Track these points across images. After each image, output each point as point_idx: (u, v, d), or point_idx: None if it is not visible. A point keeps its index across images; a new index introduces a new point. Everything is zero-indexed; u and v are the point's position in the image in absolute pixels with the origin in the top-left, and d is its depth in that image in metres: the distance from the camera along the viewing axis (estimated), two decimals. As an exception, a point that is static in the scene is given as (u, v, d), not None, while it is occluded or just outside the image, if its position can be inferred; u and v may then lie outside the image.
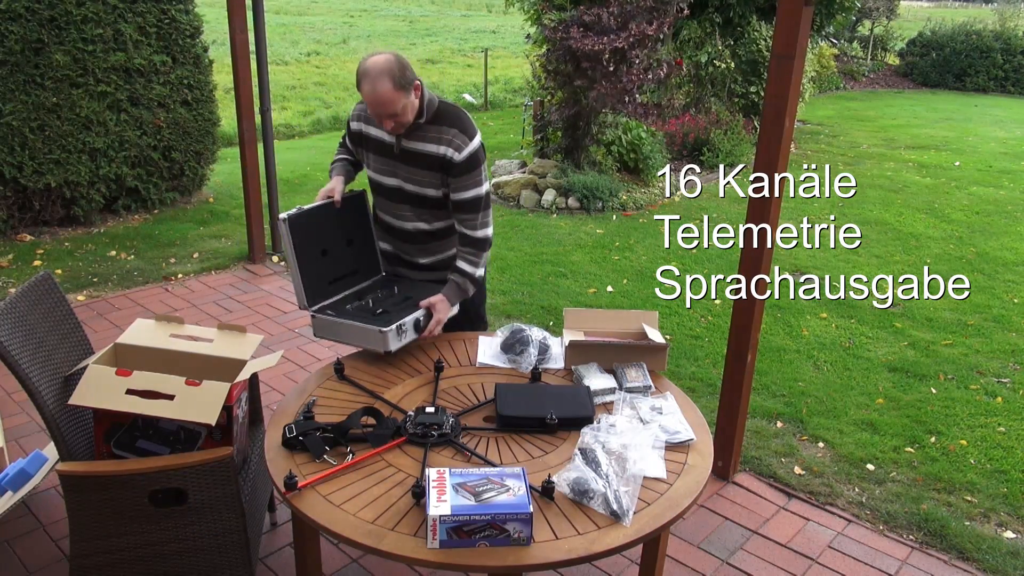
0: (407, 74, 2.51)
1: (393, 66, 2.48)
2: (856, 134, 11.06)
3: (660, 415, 2.29)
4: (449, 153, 2.62)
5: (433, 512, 1.75)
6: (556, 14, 7.33)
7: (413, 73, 2.55)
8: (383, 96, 2.48)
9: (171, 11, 6.11)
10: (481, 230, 2.73)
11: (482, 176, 2.70)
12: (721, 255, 6.01)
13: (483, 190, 2.71)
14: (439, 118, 2.65)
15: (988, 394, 4.12)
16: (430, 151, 2.64)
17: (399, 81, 2.48)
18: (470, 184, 2.67)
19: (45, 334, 2.36)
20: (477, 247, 2.74)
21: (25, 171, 5.59)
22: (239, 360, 2.43)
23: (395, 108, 2.51)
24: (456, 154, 2.62)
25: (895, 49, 18.41)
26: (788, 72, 2.76)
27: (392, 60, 2.50)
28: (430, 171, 2.67)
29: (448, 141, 2.62)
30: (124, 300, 4.93)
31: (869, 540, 3.00)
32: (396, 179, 2.75)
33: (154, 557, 2.17)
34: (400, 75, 2.48)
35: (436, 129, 2.64)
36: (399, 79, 2.48)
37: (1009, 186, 8.44)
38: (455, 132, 2.63)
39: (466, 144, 2.63)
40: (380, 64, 2.48)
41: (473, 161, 2.65)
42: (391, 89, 2.47)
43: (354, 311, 2.63)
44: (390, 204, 2.83)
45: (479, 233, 2.73)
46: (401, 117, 2.56)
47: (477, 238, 2.73)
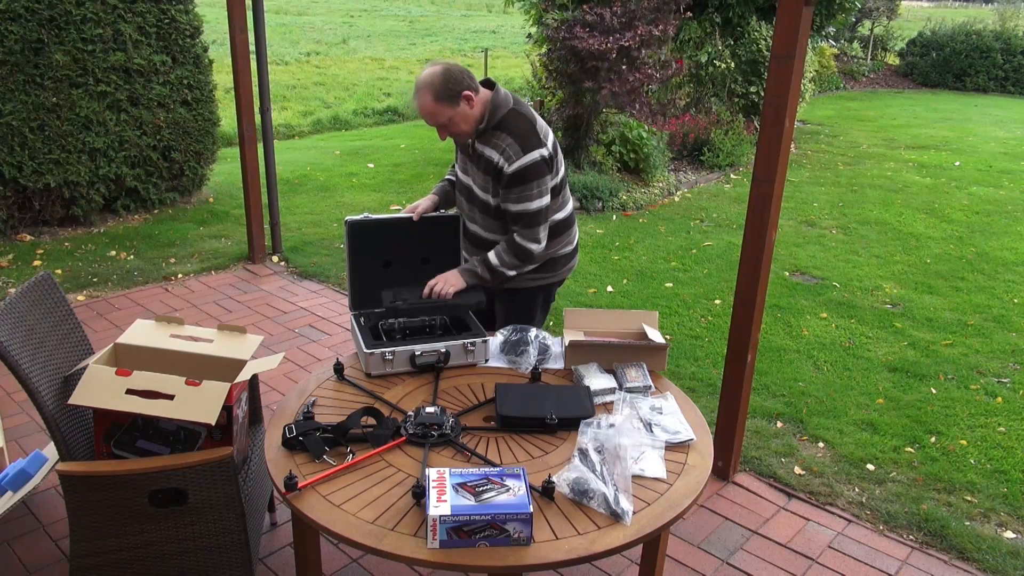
0: (450, 86, 2.56)
1: (436, 80, 2.56)
2: (856, 134, 11.06)
3: (660, 415, 2.29)
4: (500, 162, 2.63)
5: (433, 512, 1.75)
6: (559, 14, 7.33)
7: (465, 84, 2.58)
8: (424, 109, 2.59)
9: (171, 11, 6.11)
10: (525, 241, 2.72)
11: (532, 192, 2.65)
12: (722, 255, 6.01)
13: (532, 206, 2.66)
14: (501, 125, 2.66)
15: (988, 394, 4.12)
16: (487, 156, 2.67)
17: (439, 94, 2.55)
18: (518, 198, 2.65)
19: (45, 334, 2.36)
20: (515, 253, 2.73)
21: (25, 171, 5.59)
22: (239, 360, 2.43)
23: (438, 120, 2.60)
24: (507, 164, 2.62)
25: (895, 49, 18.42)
26: (788, 72, 2.76)
27: (437, 73, 2.57)
28: (486, 176, 2.70)
29: (502, 150, 2.63)
30: (124, 300, 4.93)
31: (869, 540, 3.00)
32: (469, 178, 2.80)
33: (154, 557, 2.17)
34: (442, 88, 2.55)
35: (496, 135, 2.66)
36: (440, 92, 2.55)
37: (1009, 186, 8.44)
38: (510, 142, 2.63)
39: (518, 156, 2.61)
40: (425, 78, 2.57)
41: (522, 175, 2.61)
42: (431, 102, 2.57)
43: (370, 327, 2.64)
44: (464, 203, 2.87)
45: (521, 242, 2.72)
46: (451, 128, 2.63)
47: (518, 244, 2.72)
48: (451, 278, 2.73)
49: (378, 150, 9.36)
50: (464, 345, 2.54)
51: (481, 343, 2.55)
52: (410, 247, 2.77)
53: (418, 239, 2.78)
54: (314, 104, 11.93)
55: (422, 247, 2.79)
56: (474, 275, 2.75)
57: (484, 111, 2.65)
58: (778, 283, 5.51)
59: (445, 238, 2.82)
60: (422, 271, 2.80)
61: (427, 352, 2.50)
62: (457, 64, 2.64)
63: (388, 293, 2.74)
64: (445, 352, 2.52)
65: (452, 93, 2.57)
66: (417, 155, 9.10)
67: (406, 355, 2.49)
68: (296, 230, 6.31)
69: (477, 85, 2.65)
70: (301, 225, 6.46)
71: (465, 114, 2.62)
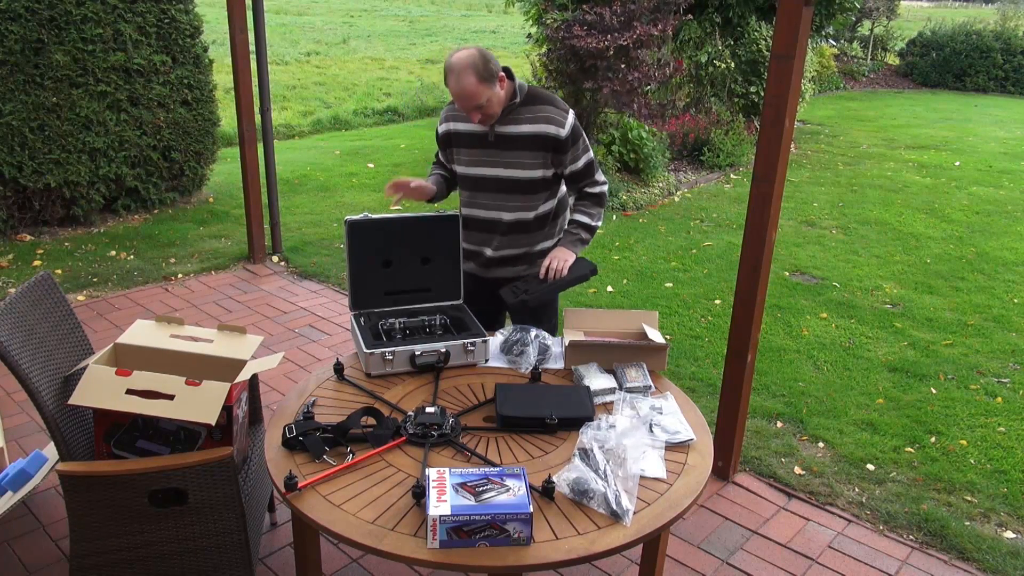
0: (490, 67, 2.61)
1: (477, 60, 2.59)
2: (856, 134, 11.06)
3: (660, 415, 2.29)
4: (552, 130, 2.70)
5: (433, 512, 1.75)
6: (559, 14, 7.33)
7: (497, 65, 2.64)
8: (468, 90, 2.59)
9: (171, 11, 6.11)
10: (600, 186, 2.85)
11: (587, 142, 2.81)
12: (722, 255, 6.01)
13: (591, 154, 2.82)
14: (531, 99, 2.73)
15: (988, 394, 4.12)
16: (527, 132, 2.72)
17: (482, 74, 2.59)
18: (580, 153, 2.77)
19: (45, 334, 2.36)
20: (597, 201, 2.85)
21: (25, 171, 5.59)
22: (239, 360, 2.43)
23: (480, 100, 2.62)
24: (560, 129, 2.70)
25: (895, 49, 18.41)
26: (788, 72, 2.76)
27: (476, 54, 2.60)
28: (532, 151, 2.74)
29: (546, 119, 2.71)
30: (124, 300, 4.93)
31: (869, 540, 3.00)
32: (493, 168, 2.80)
33: (154, 557, 2.17)
34: (484, 68, 2.59)
35: (531, 109, 2.72)
36: (483, 72, 2.59)
37: (1009, 186, 8.44)
38: (551, 109, 2.72)
39: (565, 117, 2.72)
40: (464, 59, 2.59)
41: (577, 131, 2.75)
42: (475, 82, 2.58)
43: (370, 327, 2.64)
44: (482, 195, 2.87)
45: (597, 189, 2.84)
46: (487, 109, 2.66)
47: (596, 193, 2.84)
48: (561, 254, 2.77)
49: (378, 150, 9.36)
50: (464, 345, 2.54)
51: (481, 343, 2.56)
52: (410, 247, 2.77)
53: (418, 239, 2.78)
54: (314, 104, 11.93)
55: (422, 247, 2.79)
56: (579, 242, 2.83)
57: (508, 96, 2.71)
58: (778, 283, 5.51)
59: (445, 238, 2.81)
60: (422, 271, 2.80)
61: (427, 352, 2.50)
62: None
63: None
64: (445, 352, 2.52)
65: (492, 73, 2.61)
66: (417, 155, 9.10)
67: (406, 355, 2.49)
68: (296, 230, 6.31)
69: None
70: (301, 225, 6.46)
71: (498, 96, 2.67)
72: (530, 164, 2.75)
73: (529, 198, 2.82)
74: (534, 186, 2.79)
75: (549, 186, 2.84)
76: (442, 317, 2.76)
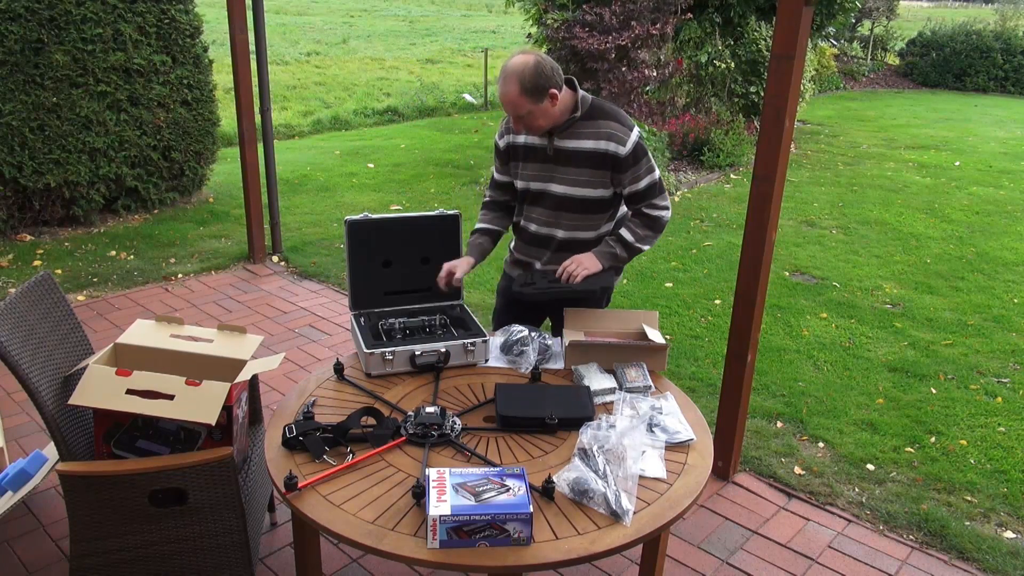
0: (540, 82, 2.48)
1: (527, 72, 2.47)
2: (856, 134, 11.06)
3: (660, 415, 2.29)
4: (612, 148, 2.59)
5: (433, 512, 1.75)
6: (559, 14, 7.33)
7: (554, 81, 2.51)
8: (507, 98, 2.51)
9: (171, 11, 6.11)
10: (660, 210, 2.69)
11: (652, 162, 2.67)
12: (722, 255, 6.01)
13: (656, 175, 2.67)
14: (594, 112, 2.63)
15: (988, 394, 4.12)
16: (588, 148, 2.61)
17: (527, 86, 2.47)
18: (643, 172, 2.64)
19: (45, 334, 2.36)
20: (649, 223, 2.69)
21: (25, 171, 5.59)
22: (239, 360, 2.43)
23: (520, 111, 2.53)
24: (620, 147, 2.59)
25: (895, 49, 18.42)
26: (788, 72, 2.76)
27: (528, 64, 2.48)
28: (592, 168, 2.63)
29: (608, 135, 2.59)
30: (124, 300, 4.93)
31: (869, 540, 3.00)
32: (550, 183, 2.71)
33: (154, 557, 2.17)
34: (531, 82, 2.47)
35: (592, 124, 2.61)
36: (528, 85, 2.47)
37: (1009, 186, 8.44)
38: (615, 126, 2.60)
39: (628, 135, 2.60)
40: (515, 66, 2.48)
41: (640, 150, 2.62)
42: (516, 93, 2.48)
43: (370, 327, 2.64)
44: (537, 210, 2.78)
45: (656, 212, 2.68)
46: (529, 120, 2.56)
47: (652, 215, 2.68)
48: (586, 261, 2.65)
49: (378, 150, 9.36)
50: (464, 345, 2.54)
51: (481, 343, 2.56)
52: (410, 247, 2.77)
53: (418, 239, 2.78)
54: (314, 104, 11.94)
55: (422, 247, 2.79)
56: (612, 256, 2.69)
57: (567, 108, 2.60)
58: (778, 283, 5.50)
59: (445, 238, 2.81)
60: (422, 271, 2.80)
61: (427, 352, 2.50)
62: (549, 59, 2.56)
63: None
64: (445, 352, 2.52)
65: (540, 88, 2.49)
66: (417, 155, 9.10)
67: (406, 355, 2.49)
68: (296, 230, 6.31)
69: (562, 83, 2.59)
70: (301, 225, 6.46)
71: (546, 111, 2.55)
72: (588, 182, 2.64)
73: (586, 217, 2.71)
74: (593, 205, 2.69)
75: (609, 206, 2.73)
76: (442, 317, 2.75)
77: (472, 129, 10.83)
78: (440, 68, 16.10)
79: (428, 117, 11.80)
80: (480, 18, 27.06)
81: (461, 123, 11.34)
